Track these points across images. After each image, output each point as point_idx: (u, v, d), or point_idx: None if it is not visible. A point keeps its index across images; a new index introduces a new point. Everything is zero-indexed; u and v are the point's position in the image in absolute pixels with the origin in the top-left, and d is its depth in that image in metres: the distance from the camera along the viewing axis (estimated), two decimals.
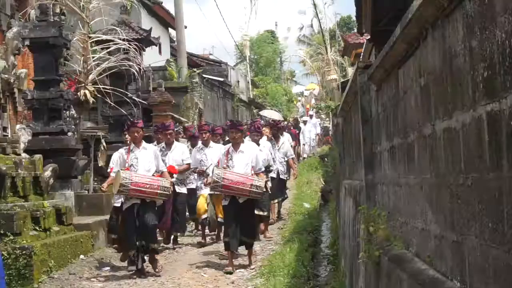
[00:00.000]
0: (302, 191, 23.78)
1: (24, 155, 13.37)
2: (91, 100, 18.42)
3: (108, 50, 19.42)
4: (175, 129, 17.33)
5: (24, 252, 10.92)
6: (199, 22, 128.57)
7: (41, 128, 14.92)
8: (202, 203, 15.57)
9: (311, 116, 41.63)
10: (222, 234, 14.36)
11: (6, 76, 13.53)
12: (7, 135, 13.59)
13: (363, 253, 6.19)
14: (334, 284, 10.84)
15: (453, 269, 3.62)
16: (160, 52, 35.81)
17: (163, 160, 13.82)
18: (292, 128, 35.27)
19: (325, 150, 39.02)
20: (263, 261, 13.05)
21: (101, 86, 18.54)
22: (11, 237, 11.20)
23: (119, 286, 11.72)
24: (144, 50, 24.54)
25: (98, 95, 18.77)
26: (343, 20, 66.57)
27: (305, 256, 12.68)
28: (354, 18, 38.46)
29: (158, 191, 12.31)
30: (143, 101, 21.78)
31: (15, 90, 14.27)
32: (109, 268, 13.16)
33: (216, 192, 13.44)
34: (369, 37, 14.73)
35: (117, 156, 12.71)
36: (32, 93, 14.26)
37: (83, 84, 18.32)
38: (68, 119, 15.89)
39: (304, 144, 38.21)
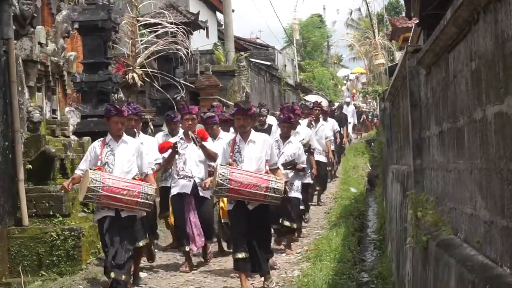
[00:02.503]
0: (349, 176, 23.72)
1: (73, 137, 13.49)
2: (139, 83, 18.55)
3: (156, 33, 19.52)
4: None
5: (72, 233, 11.02)
6: (247, 5, 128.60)
7: (89, 110, 15.02)
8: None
9: (347, 104, 40.37)
10: (223, 242, 12.91)
11: (56, 59, 13.65)
12: (57, 118, 13.72)
13: (411, 238, 6.16)
14: (380, 269, 10.82)
15: (503, 255, 3.59)
16: (207, 35, 35.86)
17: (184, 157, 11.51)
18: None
19: (371, 135, 38.88)
20: (309, 246, 13.05)
21: (149, 70, 18.65)
22: (60, 219, 11.31)
23: (164, 270, 11.80)
24: (192, 34, 24.61)
25: (146, 78, 18.88)
26: (391, 4, 66.17)
27: (351, 241, 12.66)
28: (402, 2, 38.20)
29: (139, 200, 9.40)
30: (191, 85, 21.87)
31: (64, 73, 14.39)
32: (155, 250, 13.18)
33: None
34: (417, 21, 14.62)
35: (89, 149, 9.93)
36: (81, 76, 14.38)
37: (131, 67, 18.45)
38: (116, 102, 15.99)
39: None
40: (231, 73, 28.86)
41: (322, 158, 18.00)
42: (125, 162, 9.66)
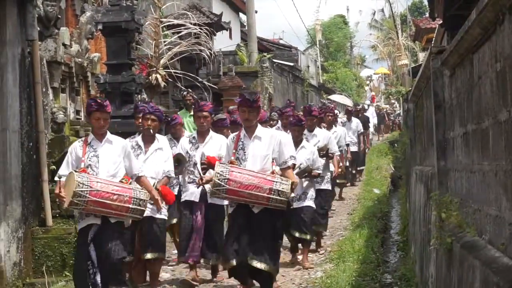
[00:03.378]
0: (372, 177, 23.66)
1: None
2: (162, 84, 18.59)
3: (179, 34, 19.56)
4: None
5: None
6: (270, 6, 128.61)
7: (113, 111, 15.04)
8: None
9: (368, 106, 39.89)
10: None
11: (80, 60, 13.73)
12: (80, 118, 13.80)
13: (435, 240, 6.15)
14: (404, 270, 10.79)
15: None
16: (230, 36, 35.91)
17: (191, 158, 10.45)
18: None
19: (394, 135, 38.77)
20: (332, 247, 13.04)
21: (172, 70, 18.68)
22: None
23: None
24: (215, 35, 24.64)
25: (169, 79, 18.91)
26: (415, 4, 66.01)
27: (374, 242, 12.63)
28: (426, 3, 38.06)
29: (130, 206, 8.34)
30: (214, 86, 21.89)
31: (88, 74, 14.49)
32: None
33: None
34: (441, 21, 14.57)
35: (70, 150, 8.76)
36: (105, 77, 14.42)
37: (154, 68, 18.49)
38: (139, 103, 16.02)
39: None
40: (254, 74, 28.87)
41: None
42: (111, 164, 8.58)
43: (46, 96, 11.85)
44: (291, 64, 39.73)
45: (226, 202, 9.79)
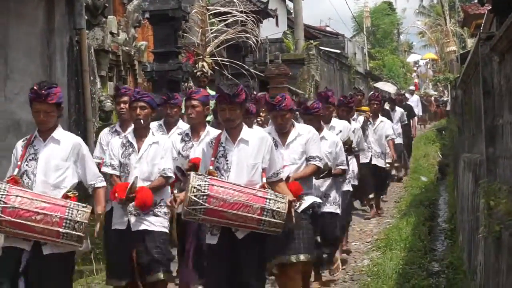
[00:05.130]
0: (419, 164, 23.51)
1: None
2: (209, 72, 18.63)
3: (226, 22, 19.56)
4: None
5: None
6: None
7: (160, 99, 15.14)
8: None
9: (412, 93, 37.00)
10: None
11: (127, 48, 13.83)
12: None
13: (483, 228, 6.09)
14: (451, 258, 10.71)
15: None
16: (277, 24, 35.88)
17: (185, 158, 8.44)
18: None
19: (442, 123, 38.44)
20: (379, 235, 12.99)
21: (218, 58, 18.69)
22: None
23: None
24: (262, 22, 24.66)
25: (215, 67, 18.95)
26: None
27: (421, 230, 12.55)
28: None
29: (60, 229, 6.38)
30: (260, 73, 21.88)
31: (135, 62, 14.58)
32: None
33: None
34: (490, 7, 14.39)
35: (13, 151, 6.94)
36: (152, 65, 14.50)
37: (201, 57, 18.53)
38: (186, 91, 16.08)
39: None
40: (300, 61, 28.83)
41: (381, 163, 15.09)
42: (52, 172, 6.71)
43: (93, 84, 11.97)
44: (338, 51, 39.59)
45: None
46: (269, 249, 7.07)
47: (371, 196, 15.08)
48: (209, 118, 10.10)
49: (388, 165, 15.78)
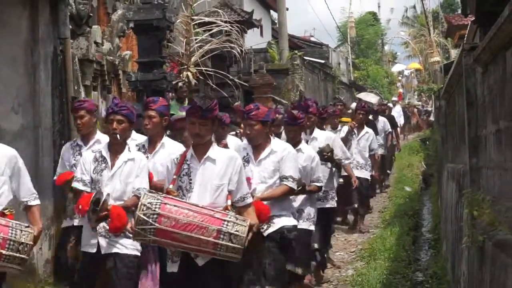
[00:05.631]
0: (403, 174, 23.56)
1: None
2: (193, 82, 18.62)
3: (211, 32, 19.57)
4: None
5: None
6: (301, 4, 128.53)
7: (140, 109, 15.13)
8: None
9: (394, 103, 36.85)
10: None
11: (111, 58, 13.80)
12: None
13: (467, 238, 6.11)
14: (435, 268, 10.74)
15: None
16: (261, 34, 35.91)
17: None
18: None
19: (426, 133, 38.55)
20: (363, 245, 13.01)
21: (203, 68, 18.71)
22: None
23: None
24: (246, 32, 24.65)
25: (200, 77, 18.95)
26: (447, 1, 65.54)
27: (406, 240, 12.59)
28: None
29: (3, 251, 5.85)
30: (245, 83, 21.88)
31: (120, 72, 14.54)
32: None
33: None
34: (473, 18, 14.47)
35: None
36: (136, 74, 14.46)
37: (185, 66, 18.53)
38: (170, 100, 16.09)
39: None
40: (285, 71, 28.85)
41: (364, 174, 14.46)
42: None
43: (78, 94, 11.93)
44: (322, 61, 39.64)
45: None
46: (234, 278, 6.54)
47: (355, 206, 14.42)
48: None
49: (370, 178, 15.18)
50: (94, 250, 7.08)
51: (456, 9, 56.88)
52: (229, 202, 6.25)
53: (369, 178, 14.88)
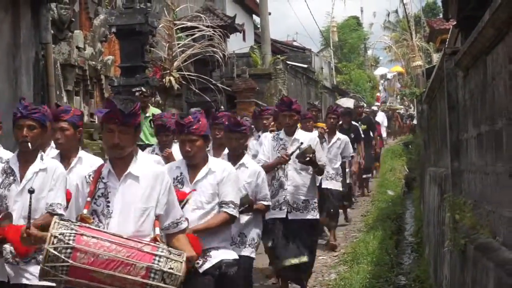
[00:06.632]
0: (386, 178, 23.62)
1: None
2: (176, 86, 18.61)
3: (193, 37, 19.57)
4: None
5: None
6: (283, 8, 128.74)
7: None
8: None
9: (377, 109, 36.07)
10: None
11: (93, 63, 13.78)
12: (94, 121, 13.83)
13: (449, 241, 6.13)
14: (418, 272, 10.76)
15: None
16: (244, 38, 35.92)
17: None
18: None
19: (409, 137, 38.67)
20: (346, 249, 13.02)
21: (185, 73, 18.71)
22: None
23: None
24: (229, 37, 24.69)
25: (182, 81, 18.94)
26: (428, 5, 65.79)
27: (388, 244, 12.61)
28: (439, 4, 38.01)
29: None
30: (227, 88, 21.91)
31: (102, 77, 14.53)
32: None
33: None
34: (455, 22, 14.53)
35: None
36: (119, 79, 14.46)
37: (168, 71, 18.52)
38: (153, 105, 16.08)
39: None
40: (267, 76, 28.87)
41: (334, 185, 13.08)
42: None
43: (60, 99, 11.91)
44: (305, 66, 39.69)
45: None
46: None
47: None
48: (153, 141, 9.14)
49: (343, 188, 13.83)
50: (6, 279, 6.05)
51: (438, 13, 57.08)
52: (158, 231, 5.04)
53: (340, 189, 13.39)
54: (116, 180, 5.02)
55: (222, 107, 18.27)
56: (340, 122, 15.35)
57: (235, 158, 7.53)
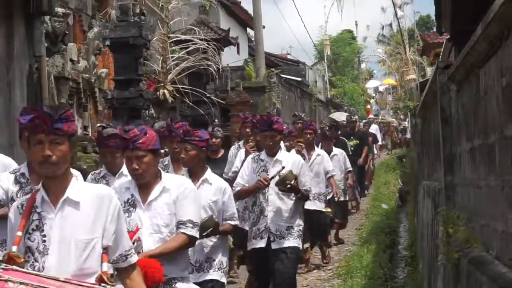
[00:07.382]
0: (380, 192, 23.62)
1: None
2: (170, 99, 18.64)
3: (187, 50, 19.61)
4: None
5: None
6: (277, 21, 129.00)
7: (121, 127, 15.07)
8: None
9: (370, 122, 34.97)
10: None
11: (87, 75, 13.77)
12: (88, 134, 13.81)
13: (442, 255, 6.13)
14: (412, 286, 10.75)
15: None
16: (238, 52, 35.99)
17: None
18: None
19: (402, 151, 38.69)
20: (340, 262, 13.01)
21: (179, 86, 18.73)
22: None
23: None
24: (223, 50, 24.75)
25: (176, 94, 18.96)
26: (422, 19, 66.11)
27: (382, 258, 12.59)
28: (433, 17, 38.11)
29: None
30: (221, 101, 21.92)
31: (96, 90, 14.52)
32: None
33: None
34: (448, 36, 14.57)
35: None
36: (112, 92, 14.47)
37: (162, 84, 18.55)
38: (147, 118, 16.08)
39: None
40: (261, 89, 28.91)
41: (317, 206, 12.09)
42: None
43: None
44: (299, 79, 39.81)
45: None
46: None
47: (305, 246, 11.60)
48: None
49: (328, 209, 13.02)
50: None
51: (432, 27, 57.31)
52: (105, 267, 4.10)
53: (323, 210, 12.44)
54: (51, 209, 4.04)
55: (216, 120, 18.25)
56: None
57: (196, 173, 6.86)
